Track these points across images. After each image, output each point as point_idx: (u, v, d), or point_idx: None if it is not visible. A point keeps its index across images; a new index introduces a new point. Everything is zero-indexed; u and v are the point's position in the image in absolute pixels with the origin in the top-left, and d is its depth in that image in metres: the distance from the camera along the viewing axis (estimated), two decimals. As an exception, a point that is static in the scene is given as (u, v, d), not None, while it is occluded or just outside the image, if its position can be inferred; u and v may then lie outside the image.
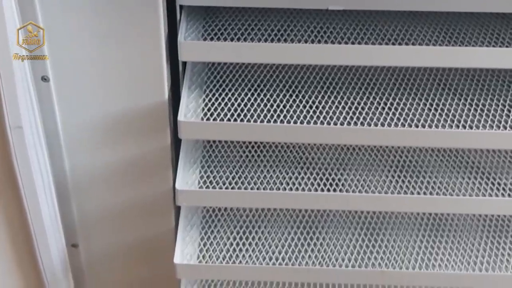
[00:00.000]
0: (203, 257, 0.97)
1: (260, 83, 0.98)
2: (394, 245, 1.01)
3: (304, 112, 0.92)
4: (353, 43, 0.91)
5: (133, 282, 1.22)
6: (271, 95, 0.95)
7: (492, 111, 0.92)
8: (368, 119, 0.90)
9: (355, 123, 0.89)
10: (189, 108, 0.94)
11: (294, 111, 0.92)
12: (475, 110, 0.93)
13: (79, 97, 0.94)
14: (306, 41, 0.91)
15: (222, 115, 0.92)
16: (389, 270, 0.94)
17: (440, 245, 1.01)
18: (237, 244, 0.99)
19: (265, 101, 0.94)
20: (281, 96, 0.95)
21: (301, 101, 0.94)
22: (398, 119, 0.91)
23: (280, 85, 0.98)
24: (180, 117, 0.89)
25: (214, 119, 0.90)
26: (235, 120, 0.90)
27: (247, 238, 1.01)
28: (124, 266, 1.19)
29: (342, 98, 0.94)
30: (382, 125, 0.89)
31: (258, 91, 0.96)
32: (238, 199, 0.92)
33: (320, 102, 0.94)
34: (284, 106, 0.93)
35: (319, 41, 0.91)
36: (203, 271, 0.95)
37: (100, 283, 1.22)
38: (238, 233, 1.01)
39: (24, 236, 1.01)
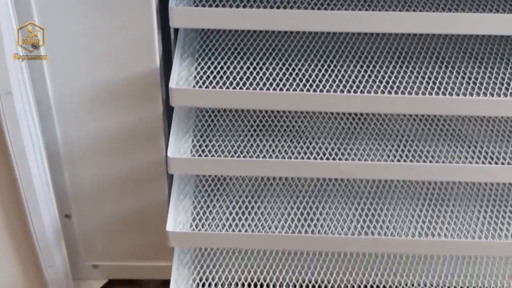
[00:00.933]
0: (196, 225, 0.96)
1: (253, 51, 0.97)
2: (393, 213, 1.01)
3: (297, 81, 0.91)
4: (346, 9, 0.90)
5: (127, 252, 1.23)
6: (264, 64, 0.95)
7: (484, 82, 0.92)
8: (361, 89, 0.90)
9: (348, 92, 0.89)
10: (181, 76, 0.93)
11: (287, 79, 0.92)
12: (468, 81, 0.93)
13: (69, 64, 0.93)
14: (299, 8, 0.90)
15: (214, 84, 0.91)
16: (381, 237, 0.94)
17: (439, 213, 1.01)
18: (230, 213, 0.99)
19: (257, 69, 0.94)
20: (273, 65, 0.95)
21: (294, 70, 0.94)
22: (392, 87, 0.91)
23: (273, 54, 0.97)
24: (172, 84, 0.89)
25: (206, 88, 0.90)
26: (227, 88, 0.90)
27: (239, 208, 1.01)
28: (117, 236, 1.19)
29: (338, 70, 0.94)
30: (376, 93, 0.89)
31: (251, 59, 0.96)
32: (230, 167, 0.92)
33: (313, 71, 0.93)
34: (277, 75, 0.93)
35: (312, 8, 0.90)
36: (196, 239, 0.95)
37: (94, 253, 1.22)
38: (231, 202, 1.01)
39: (16, 207, 1.01)
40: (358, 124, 1.02)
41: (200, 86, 0.90)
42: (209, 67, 0.94)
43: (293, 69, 0.94)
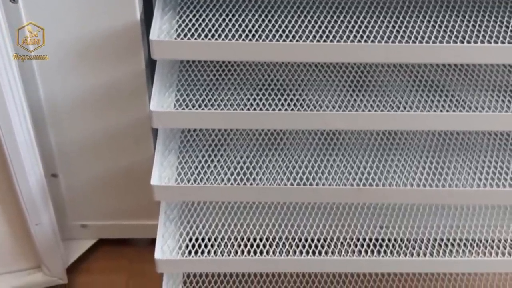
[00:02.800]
0: (181, 180, 0.96)
1: (235, 4, 0.96)
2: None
3: (273, 32, 0.90)
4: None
5: (116, 211, 1.23)
6: (246, 17, 0.94)
7: (456, 27, 0.92)
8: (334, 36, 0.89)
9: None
10: (162, 29, 0.92)
11: (270, 31, 0.91)
12: (439, 27, 0.92)
13: (48, 18, 0.92)
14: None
15: (196, 36, 0.90)
16: (366, 187, 0.94)
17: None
18: (203, 165, 0.99)
19: (240, 21, 0.93)
20: (256, 17, 0.94)
21: (270, 21, 0.92)
22: (368, 36, 0.90)
23: (254, 7, 0.96)
24: (153, 36, 0.87)
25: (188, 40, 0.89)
26: (209, 39, 0.89)
27: (216, 156, 1.00)
28: (105, 195, 1.19)
29: (314, 20, 0.92)
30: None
31: (233, 11, 0.95)
32: (214, 120, 0.91)
33: (289, 22, 0.92)
34: (259, 26, 0.92)
35: None
36: (180, 192, 0.95)
37: (82, 213, 1.22)
38: (210, 156, 1.01)
39: (1, 166, 1.01)
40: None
41: (182, 39, 0.89)
42: (190, 20, 0.93)
43: (269, 19, 0.93)
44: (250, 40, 0.89)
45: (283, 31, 0.91)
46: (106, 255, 1.29)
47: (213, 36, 0.90)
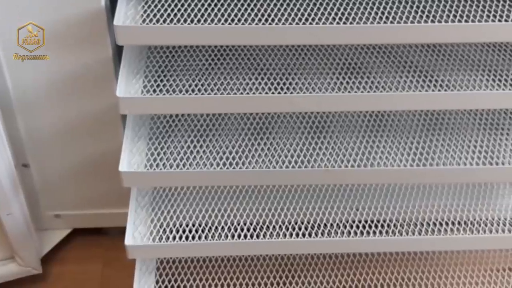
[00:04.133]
0: (150, 166, 0.96)
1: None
2: (340, 146, 1.01)
3: (252, 16, 0.90)
4: None
5: (89, 200, 1.23)
6: (222, 5, 0.93)
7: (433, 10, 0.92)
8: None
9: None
10: (128, 15, 0.92)
11: (242, 14, 0.90)
12: (421, 12, 0.93)
13: (13, 8, 0.92)
14: None
15: (161, 21, 0.90)
16: (334, 168, 0.95)
17: (380, 143, 1.02)
18: (184, 153, 0.99)
19: (212, 5, 0.93)
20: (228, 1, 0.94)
21: (249, 5, 0.93)
22: (347, 18, 0.90)
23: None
24: (118, 22, 0.87)
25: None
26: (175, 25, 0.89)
27: (194, 147, 1.00)
28: (78, 185, 1.19)
29: (297, 8, 0.92)
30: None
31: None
32: (181, 104, 0.91)
33: (272, 10, 0.92)
34: (232, 10, 0.91)
35: None
36: (149, 178, 0.95)
37: (55, 202, 1.22)
38: (185, 142, 1.01)
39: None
40: (316, 58, 1.02)
41: (147, 24, 0.89)
42: (156, 6, 0.93)
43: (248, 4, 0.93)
44: (223, 24, 0.89)
45: (256, 13, 0.91)
46: (81, 245, 1.29)
47: (178, 21, 0.90)
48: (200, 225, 1.02)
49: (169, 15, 0.91)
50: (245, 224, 1.03)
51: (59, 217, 1.25)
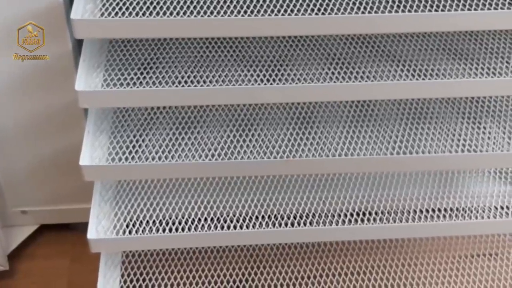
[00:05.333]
0: (112, 159, 0.96)
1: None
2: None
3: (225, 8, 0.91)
4: None
5: (56, 195, 1.22)
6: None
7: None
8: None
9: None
10: (86, 9, 0.92)
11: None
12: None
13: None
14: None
15: (120, 14, 0.89)
16: (294, 159, 0.96)
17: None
18: (135, 145, 0.99)
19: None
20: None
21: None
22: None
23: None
24: (74, 15, 0.87)
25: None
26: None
27: (147, 135, 1.01)
28: (44, 180, 1.19)
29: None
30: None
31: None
32: (144, 98, 0.91)
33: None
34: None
35: None
36: (110, 172, 0.95)
37: (21, 199, 1.22)
38: (141, 136, 1.01)
39: None
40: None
41: (106, 17, 0.89)
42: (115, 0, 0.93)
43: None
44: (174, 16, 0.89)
45: (228, 6, 0.91)
46: (48, 241, 1.29)
47: (137, 14, 0.90)
48: (164, 218, 1.02)
49: (127, 8, 0.91)
50: (216, 216, 1.04)
51: (26, 213, 1.24)
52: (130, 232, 1.00)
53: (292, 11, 0.91)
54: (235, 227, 1.02)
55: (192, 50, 1.02)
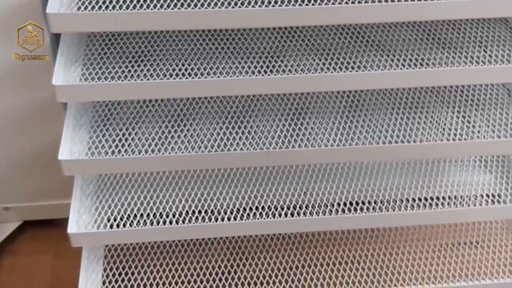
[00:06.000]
0: (91, 154, 0.96)
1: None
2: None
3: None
4: None
5: (38, 192, 1.22)
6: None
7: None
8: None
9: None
10: (63, 3, 0.91)
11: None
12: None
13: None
14: None
15: (96, 8, 0.89)
16: (274, 150, 0.96)
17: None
18: (114, 138, 0.99)
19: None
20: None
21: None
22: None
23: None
24: (50, 9, 0.86)
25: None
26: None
27: (130, 134, 1.01)
28: (25, 176, 1.19)
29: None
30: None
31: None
32: (119, 91, 0.91)
33: None
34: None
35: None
36: (89, 166, 0.95)
37: (4, 195, 1.22)
38: (127, 129, 1.01)
39: None
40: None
41: (82, 11, 0.88)
42: (92, -7, 0.92)
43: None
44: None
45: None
46: (32, 237, 1.29)
47: (114, 8, 0.89)
48: (145, 212, 1.03)
49: (104, 2, 0.90)
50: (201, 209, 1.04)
51: (9, 209, 1.24)
52: (111, 226, 1.00)
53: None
54: (216, 219, 1.02)
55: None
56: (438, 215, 1.06)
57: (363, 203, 1.07)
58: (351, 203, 1.07)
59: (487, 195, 1.10)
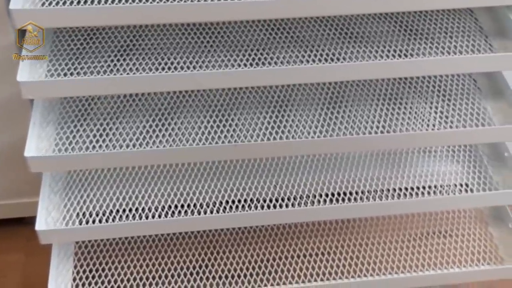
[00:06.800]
0: (59, 150, 0.96)
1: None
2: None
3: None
4: None
5: (5, 189, 1.22)
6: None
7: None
8: None
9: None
10: (27, -2, 0.91)
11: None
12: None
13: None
14: None
15: (61, 3, 0.89)
16: (242, 143, 0.96)
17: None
18: (94, 136, 0.99)
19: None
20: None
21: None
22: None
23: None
24: (13, 5, 0.86)
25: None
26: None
27: (104, 129, 1.00)
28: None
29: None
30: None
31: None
32: (83, 87, 0.91)
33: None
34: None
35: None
36: (57, 162, 0.94)
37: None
38: (95, 125, 1.01)
39: None
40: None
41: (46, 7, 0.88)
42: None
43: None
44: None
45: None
46: (2, 236, 1.28)
47: (78, 3, 0.89)
48: (114, 207, 1.02)
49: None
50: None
51: (-22, 208, 1.23)
52: (80, 223, 0.99)
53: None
54: (186, 213, 1.02)
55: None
56: (411, 204, 1.07)
57: (338, 194, 1.08)
58: (330, 195, 1.08)
59: (455, 185, 1.12)
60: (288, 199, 1.07)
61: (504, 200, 1.09)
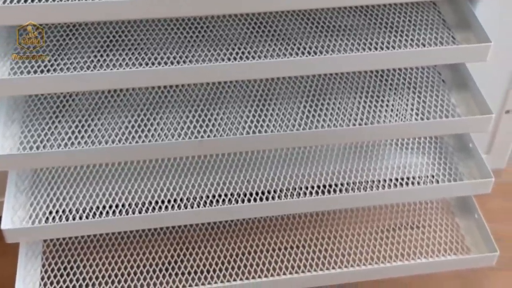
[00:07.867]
0: (23, 148, 0.95)
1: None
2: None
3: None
4: None
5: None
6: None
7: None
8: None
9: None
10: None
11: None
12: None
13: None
14: None
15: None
16: (208, 138, 0.97)
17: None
18: (66, 133, 0.98)
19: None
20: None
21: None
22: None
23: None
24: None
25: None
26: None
27: (76, 127, 1.00)
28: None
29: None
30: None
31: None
32: (44, 85, 0.90)
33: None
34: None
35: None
36: (21, 161, 0.94)
37: None
38: (73, 122, 1.00)
39: None
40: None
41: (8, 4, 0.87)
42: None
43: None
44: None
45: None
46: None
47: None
48: (80, 205, 1.02)
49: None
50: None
51: None
52: (47, 221, 0.99)
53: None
54: (153, 209, 1.02)
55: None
56: (382, 196, 1.08)
57: (318, 187, 1.09)
58: (304, 188, 1.09)
59: (426, 177, 1.13)
60: (269, 192, 1.07)
61: (470, 190, 1.11)
